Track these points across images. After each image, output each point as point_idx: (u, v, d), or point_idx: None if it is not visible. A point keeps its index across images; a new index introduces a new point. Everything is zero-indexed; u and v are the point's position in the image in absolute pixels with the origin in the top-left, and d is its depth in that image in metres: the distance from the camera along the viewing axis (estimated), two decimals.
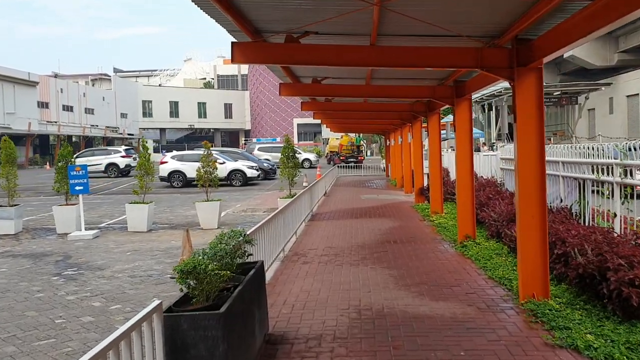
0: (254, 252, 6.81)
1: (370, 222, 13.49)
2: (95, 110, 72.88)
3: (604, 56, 42.04)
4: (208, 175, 14.45)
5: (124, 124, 79.65)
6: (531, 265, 6.29)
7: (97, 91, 77.15)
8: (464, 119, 9.84)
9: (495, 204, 11.73)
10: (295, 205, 11.55)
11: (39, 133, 60.68)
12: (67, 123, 66.26)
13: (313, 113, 19.30)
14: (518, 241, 6.45)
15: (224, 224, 15.27)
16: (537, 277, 6.27)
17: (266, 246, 7.71)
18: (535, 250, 6.30)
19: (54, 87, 65.30)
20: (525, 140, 6.26)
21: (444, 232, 11.28)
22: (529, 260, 6.31)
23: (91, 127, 71.09)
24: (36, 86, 60.77)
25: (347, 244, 10.50)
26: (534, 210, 6.29)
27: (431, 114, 13.67)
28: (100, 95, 75.63)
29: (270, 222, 8.17)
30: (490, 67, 6.38)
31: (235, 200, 21.47)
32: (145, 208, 14.47)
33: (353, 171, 35.64)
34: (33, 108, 59.66)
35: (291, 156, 14.62)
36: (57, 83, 67.08)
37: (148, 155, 14.82)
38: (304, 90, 12.36)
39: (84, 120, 70.03)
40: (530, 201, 6.29)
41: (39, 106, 61.49)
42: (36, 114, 60.34)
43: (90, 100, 72.08)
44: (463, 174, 9.96)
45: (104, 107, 75.13)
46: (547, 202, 6.41)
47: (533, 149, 6.27)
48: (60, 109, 65.94)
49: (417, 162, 17.31)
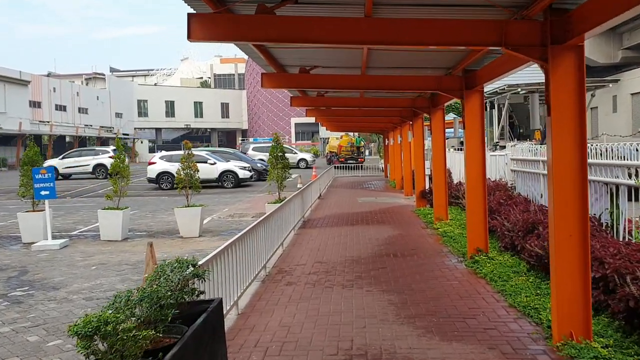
0: (219, 281, 5.48)
1: (368, 230, 12.14)
2: (90, 109, 71.67)
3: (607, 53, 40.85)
4: (189, 178, 13.09)
5: (118, 123, 78.41)
6: (568, 297, 4.95)
7: (91, 90, 75.93)
8: (474, 114, 8.51)
9: (508, 210, 10.38)
10: (282, 212, 10.21)
11: (30, 133, 59.34)
12: (60, 123, 64.99)
13: (306, 110, 18.49)
14: (552, 266, 5.11)
15: (207, 231, 13.93)
16: (576, 312, 4.93)
17: (234, 273, 6.36)
18: (574, 278, 4.96)
19: (47, 86, 64.12)
20: (563, 138, 4.91)
21: (451, 244, 9.93)
22: (565, 291, 4.97)
23: (85, 127, 69.79)
24: (28, 85, 59.54)
25: (340, 257, 9.15)
26: (573, 227, 4.94)
27: (435, 109, 12.33)
28: (95, 94, 74.42)
29: (244, 238, 6.83)
30: (517, 45, 5.01)
31: (224, 204, 20.11)
32: (119, 215, 13.11)
33: (351, 172, 34.26)
34: (24, 107, 58.43)
35: (280, 157, 13.27)
36: (50, 82, 65.88)
37: (123, 156, 13.45)
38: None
39: (77, 120, 68.78)
40: (568, 215, 4.95)
41: (30, 106, 60.29)
42: (28, 114, 59.13)
43: (84, 99, 70.87)
44: (473, 177, 8.63)
45: (98, 107, 73.94)
46: (589, 216, 5.05)
47: (571, 148, 4.93)
48: (53, 109, 64.74)
49: (418, 162, 15.98)
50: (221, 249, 6.01)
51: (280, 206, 9.98)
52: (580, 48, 4.90)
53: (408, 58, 8.44)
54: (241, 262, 6.80)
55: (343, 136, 42.11)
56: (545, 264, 7.47)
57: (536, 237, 8.34)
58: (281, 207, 10.00)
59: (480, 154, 8.62)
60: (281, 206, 10.05)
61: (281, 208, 9.99)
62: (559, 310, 4.97)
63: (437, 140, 12.12)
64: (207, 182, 27.86)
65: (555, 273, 5.02)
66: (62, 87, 67.12)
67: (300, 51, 7.63)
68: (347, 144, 40.82)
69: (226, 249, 6.19)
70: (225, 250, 6.17)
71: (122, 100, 78.95)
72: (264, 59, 8.32)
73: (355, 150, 40.67)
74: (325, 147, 68.75)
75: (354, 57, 8.13)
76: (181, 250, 11.54)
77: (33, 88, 61.01)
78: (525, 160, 11.85)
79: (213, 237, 13.03)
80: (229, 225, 14.69)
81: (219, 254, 5.90)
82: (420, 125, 15.90)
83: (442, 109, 12.29)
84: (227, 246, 6.27)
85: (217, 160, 28.04)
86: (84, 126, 69.29)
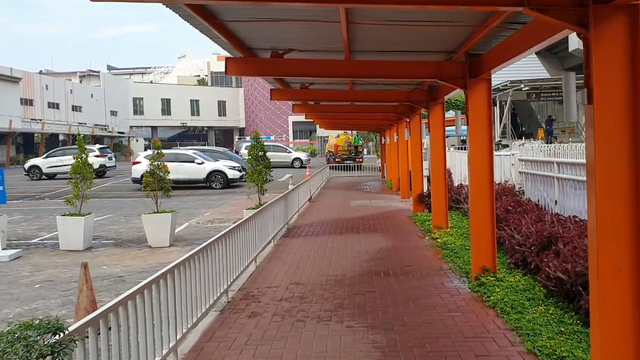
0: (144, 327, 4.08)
1: (357, 239, 10.74)
2: (83, 107, 70.46)
3: None
4: (158, 180, 11.69)
5: (113, 121, 77.24)
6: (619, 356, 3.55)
7: (85, 88, 74.70)
8: (480, 107, 7.11)
9: (517, 220, 8.98)
10: (257, 221, 8.81)
11: (21, 131, 58.13)
12: (53, 121, 63.75)
13: (292, 106, 18.02)
14: (593, 311, 3.70)
15: (180, 239, 12.52)
16: None
17: (181, 305, 4.96)
18: (625, 332, 3.56)
19: (39, 83, 62.93)
20: (609, 132, 3.51)
21: (452, 259, 8.52)
22: (613, 347, 3.57)
23: (78, 125, 68.43)
24: (19, 82, 58.34)
25: (321, 276, 7.74)
26: (624, 258, 3.54)
27: (433, 104, 10.93)
28: (89, 92, 73.23)
29: (197, 257, 5.44)
30: (545, 6, 3.60)
31: (208, 207, 18.70)
32: (80, 222, 11.71)
33: (346, 172, 32.74)
34: (15, 105, 57.18)
35: (261, 156, 11.85)
36: (42, 79, 64.70)
37: (85, 156, 12.04)
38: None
39: (70, 117, 67.50)
40: (618, 240, 3.54)
41: (22, 103, 59.09)
42: (19, 111, 57.86)
43: (77, 97, 69.64)
44: (479, 180, 7.23)
45: (93, 105, 72.75)
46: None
47: (623, 146, 3.53)
48: (45, 106, 63.54)
49: (415, 162, 14.56)
50: (160, 274, 4.66)
51: (254, 215, 8.58)
52: (634, 8, 3.48)
53: (399, 37, 7.03)
54: (190, 290, 5.42)
55: (341, 135, 40.31)
56: (568, 291, 6.09)
57: (554, 254, 6.94)
58: (254, 216, 8.59)
59: (487, 154, 7.23)
60: (255, 214, 8.65)
61: (254, 217, 8.58)
62: None
63: (436, 138, 10.72)
64: (194, 182, 26.51)
65: (598, 322, 3.62)
66: (55, 84, 65.93)
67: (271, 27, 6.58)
68: (344, 143, 38.80)
69: (166, 274, 4.82)
70: (166, 276, 4.80)
71: (117, 98, 77.86)
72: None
73: (353, 150, 38.65)
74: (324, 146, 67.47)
75: (334, 35, 6.65)
76: (144, 264, 10.14)
77: (25, 85, 59.77)
78: (536, 162, 10.46)
79: (185, 246, 11.63)
80: (206, 233, 13.28)
81: (154, 281, 4.54)
82: (418, 122, 14.49)
83: (442, 103, 10.89)
84: (169, 270, 4.90)
85: (205, 160, 26.65)
86: (78, 124, 67.94)
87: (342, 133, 40.24)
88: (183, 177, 26.16)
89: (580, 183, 8.31)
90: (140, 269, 9.64)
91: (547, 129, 33.70)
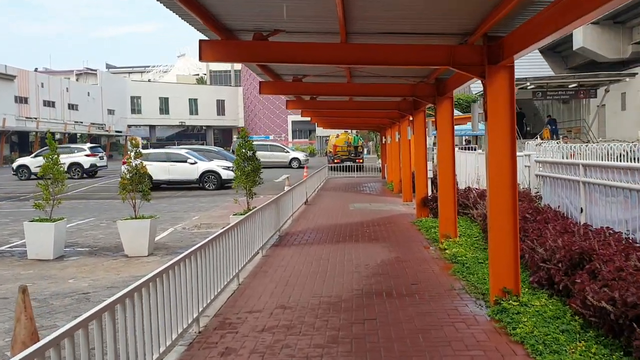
0: None
1: (356, 250, 9.62)
2: (80, 106, 69.56)
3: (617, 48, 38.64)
4: (136, 182, 10.58)
5: (110, 120, 76.43)
6: None
7: (82, 86, 73.84)
8: (501, 98, 5.96)
9: (539, 230, 7.87)
10: (242, 230, 7.70)
11: (16, 130, 57.17)
12: (49, 119, 62.80)
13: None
14: None
15: (162, 247, 11.41)
16: None
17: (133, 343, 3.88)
18: None
19: (34, 81, 62.02)
20: None
21: (465, 275, 7.40)
22: None
23: (75, 123, 67.48)
24: (14, 80, 57.42)
25: (313, 298, 6.62)
26: None
27: (441, 99, 9.80)
28: (85, 90, 72.38)
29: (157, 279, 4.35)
30: None
31: (197, 210, 17.59)
32: (50, 228, 10.60)
33: (345, 173, 31.58)
34: (10, 103, 56.25)
35: (249, 157, 10.72)
36: (38, 77, 63.78)
37: (56, 156, 10.93)
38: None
39: (67, 116, 66.52)
40: None
41: (16, 101, 58.17)
42: (13, 110, 56.93)
43: (74, 95, 68.74)
44: (499, 187, 6.11)
45: (89, 103, 71.90)
46: None
47: None
48: (40, 105, 62.62)
49: (419, 163, 13.44)
50: (115, 299, 3.61)
51: (237, 224, 7.46)
52: None
53: (404, 14, 5.88)
54: (151, 319, 4.35)
55: (340, 135, 38.93)
56: (613, 323, 4.97)
57: (589, 275, 5.83)
58: (238, 225, 7.47)
59: (509, 155, 6.11)
60: (238, 223, 7.53)
61: (238, 226, 7.46)
62: None
63: (444, 136, 9.59)
64: (186, 183, 25.40)
65: None
66: (50, 82, 65.04)
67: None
68: (343, 143, 37.40)
69: (123, 298, 3.78)
70: (124, 301, 3.77)
71: (114, 97, 77.09)
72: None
73: (352, 150, 37.20)
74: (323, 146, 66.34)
75: (328, 13, 5.59)
76: (116, 277, 9.02)
77: (19, 83, 58.87)
78: (557, 164, 9.34)
79: (166, 256, 10.51)
80: (191, 240, 12.16)
81: (107, 308, 3.52)
82: (422, 119, 13.36)
83: (451, 98, 9.77)
84: (127, 294, 3.85)
85: (198, 160, 25.52)
86: (74, 123, 67.03)
87: (342, 133, 38.99)
88: (175, 177, 25.07)
89: (614, 189, 7.18)
90: (110, 284, 8.53)
91: (552, 128, 32.58)
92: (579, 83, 33.77)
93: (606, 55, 38.76)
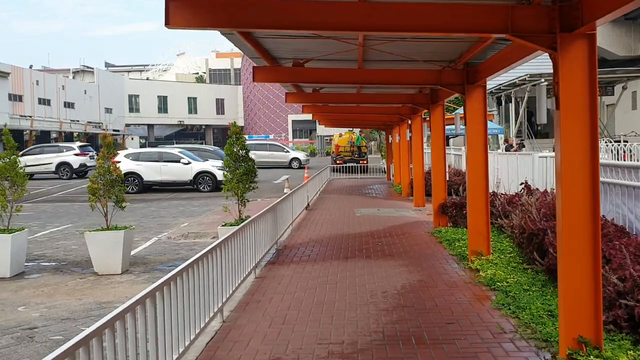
0: None
1: (369, 269, 7.98)
2: (76, 104, 68.11)
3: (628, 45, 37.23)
4: (107, 186, 8.94)
5: (108, 119, 74.94)
6: None
7: (79, 84, 72.39)
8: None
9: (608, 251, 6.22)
10: (229, 250, 6.06)
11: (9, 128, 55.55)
12: (44, 118, 61.34)
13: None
14: None
15: (140, 262, 9.79)
16: None
17: None
18: None
19: (29, 78, 60.57)
20: None
21: (514, 311, 5.73)
22: None
23: (71, 122, 65.97)
24: (8, 77, 55.92)
25: (319, 347, 4.98)
26: None
27: (471, 87, 8.16)
28: (82, 88, 70.93)
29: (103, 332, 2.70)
30: None
31: (188, 215, 15.95)
32: (6, 241, 8.97)
33: (348, 174, 29.88)
34: (3, 101, 54.81)
35: (241, 157, 9.07)
36: (33, 74, 62.28)
37: (14, 156, 9.31)
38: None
39: (63, 114, 65.01)
40: None
41: (10, 99, 56.70)
42: (7, 108, 55.44)
43: (70, 93, 67.27)
44: (575, 199, 4.48)
45: (86, 101, 70.48)
46: None
47: None
48: (35, 103, 61.14)
49: (436, 163, 11.81)
50: None
51: (222, 241, 5.81)
52: None
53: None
54: None
55: (344, 134, 37.00)
56: None
57: None
58: (223, 243, 5.83)
59: (590, 157, 4.48)
60: (224, 241, 5.87)
61: (223, 244, 5.82)
62: None
63: (474, 132, 7.95)
64: (180, 184, 23.80)
65: None
66: (46, 80, 63.52)
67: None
68: (346, 142, 35.47)
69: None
70: None
71: (112, 95, 75.72)
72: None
73: (356, 151, 35.27)
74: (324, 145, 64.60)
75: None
76: (77, 302, 7.40)
77: (13, 80, 57.34)
78: (614, 166, 7.68)
79: (142, 274, 8.90)
80: (175, 252, 10.55)
81: None
82: (440, 114, 11.73)
83: (484, 87, 8.12)
84: None
85: (192, 160, 23.88)
86: (70, 121, 65.49)
87: (346, 132, 37.19)
88: (168, 178, 23.43)
89: None
90: (68, 314, 6.91)
91: None
92: None
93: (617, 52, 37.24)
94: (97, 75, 75.59)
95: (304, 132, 77.36)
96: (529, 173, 11.08)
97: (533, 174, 10.94)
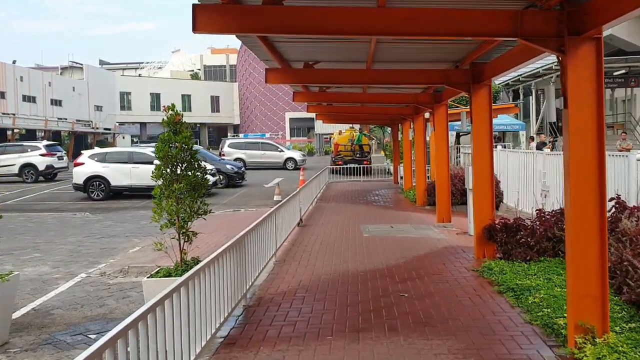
0: None
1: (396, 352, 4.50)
2: (64, 101, 65.12)
3: None
4: None
5: (98, 117, 71.77)
6: None
7: (67, 81, 69.34)
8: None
9: None
10: (159, 323, 2.60)
11: None
12: (29, 115, 58.16)
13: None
14: None
15: (37, 324, 6.31)
16: None
17: None
18: None
19: (12, 74, 57.62)
20: None
21: None
22: None
23: (58, 120, 62.69)
24: None
25: None
26: None
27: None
28: (70, 85, 67.86)
29: None
30: None
31: (147, 234, 12.38)
32: None
33: (350, 176, 26.10)
34: None
35: (184, 161, 5.59)
36: (16, 70, 59.22)
37: None
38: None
39: (49, 112, 61.87)
40: None
41: None
42: None
43: (57, 90, 64.21)
44: None
45: (75, 99, 67.48)
46: None
47: None
48: (19, 100, 58.10)
49: (480, 168, 8.31)
50: None
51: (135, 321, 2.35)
52: None
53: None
54: None
55: (344, 131, 33.23)
56: None
57: None
58: (135, 323, 2.37)
59: None
60: (135, 320, 2.42)
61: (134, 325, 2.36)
62: None
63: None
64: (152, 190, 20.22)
65: None
66: (31, 76, 60.46)
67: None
68: (347, 141, 31.60)
69: None
70: None
71: (102, 92, 72.81)
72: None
73: (357, 150, 31.42)
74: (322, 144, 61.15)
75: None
76: None
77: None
78: None
79: (23, 351, 5.42)
80: (98, 304, 7.06)
81: None
82: (486, 100, 8.27)
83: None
84: None
85: None
86: (57, 119, 62.21)
87: (346, 129, 33.52)
88: (138, 183, 19.78)
89: None
90: None
91: None
92: (629, 69, 28.57)
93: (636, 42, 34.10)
94: (86, 72, 72.46)
95: (301, 130, 74.68)
96: (622, 181, 7.59)
97: (628, 183, 7.44)
